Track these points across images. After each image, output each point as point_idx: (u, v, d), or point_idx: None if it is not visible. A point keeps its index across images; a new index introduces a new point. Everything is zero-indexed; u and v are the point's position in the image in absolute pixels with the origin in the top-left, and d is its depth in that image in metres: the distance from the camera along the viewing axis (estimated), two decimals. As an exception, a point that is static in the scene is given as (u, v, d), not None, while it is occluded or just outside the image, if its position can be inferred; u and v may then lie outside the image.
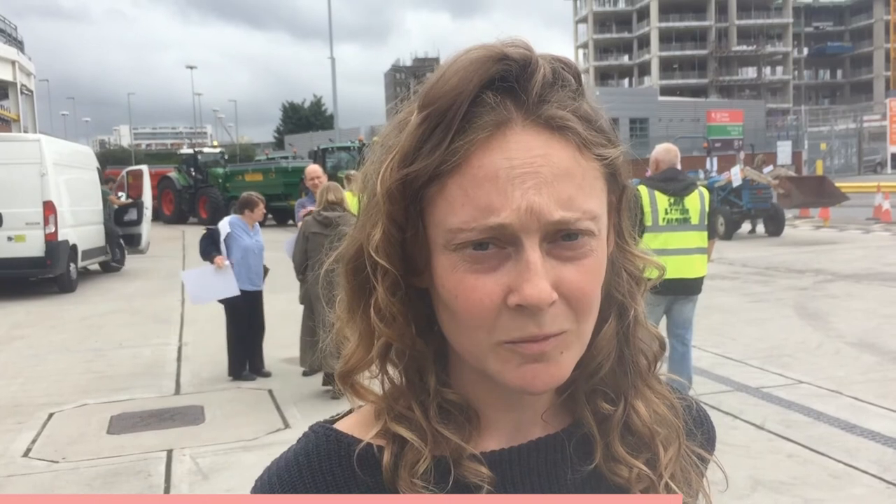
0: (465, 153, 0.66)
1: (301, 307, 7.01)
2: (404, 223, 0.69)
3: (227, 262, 7.20)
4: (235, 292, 7.16)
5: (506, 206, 0.64)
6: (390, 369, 0.76)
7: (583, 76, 0.72)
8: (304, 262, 6.60)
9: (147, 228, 17.53)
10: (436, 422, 0.73)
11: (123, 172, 18.92)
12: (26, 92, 37.46)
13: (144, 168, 18.17)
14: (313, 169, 8.26)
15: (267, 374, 7.46)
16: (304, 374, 7.24)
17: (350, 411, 0.81)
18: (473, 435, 0.74)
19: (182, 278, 7.16)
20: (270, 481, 0.75)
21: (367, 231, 0.71)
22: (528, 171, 0.65)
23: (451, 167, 0.66)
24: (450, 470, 0.72)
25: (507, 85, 0.67)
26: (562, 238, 0.67)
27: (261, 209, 7.52)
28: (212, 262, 7.20)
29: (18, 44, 38.29)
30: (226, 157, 36.68)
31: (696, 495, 0.81)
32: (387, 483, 0.72)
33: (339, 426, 0.77)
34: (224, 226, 7.43)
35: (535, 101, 0.67)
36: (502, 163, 0.65)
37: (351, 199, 6.69)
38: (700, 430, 0.85)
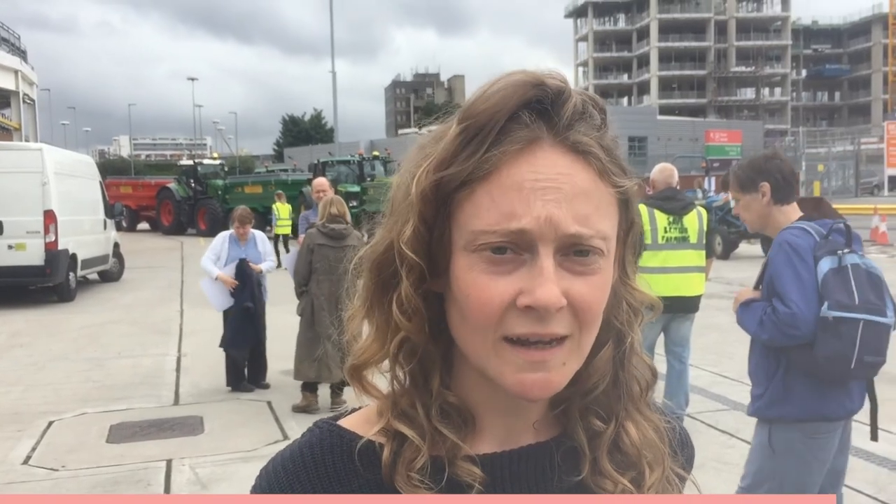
0: (496, 163, 0.72)
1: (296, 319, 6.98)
2: (433, 223, 0.75)
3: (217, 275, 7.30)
4: (220, 305, 7.37)
5: (527, 213, 0.70)
6: (397, 370, 0.80)
7: (608, 113, 0.78)
8: (307, 276, 6.50)
9: None
10: (436, 421, 0.77)
11: None
12: (28, 101, 37.43)
13: None
14: (320, 182, 8.21)
15: (266, 386, 7.50)
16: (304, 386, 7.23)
17: (353, 410, 0.85)
18: (469, 437, 0.78)
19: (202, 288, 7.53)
20: (275, 470, 0.80)
21: (399, 228, 0.76)
22: (551, 186, 0.71)
23: (481, 174, 0.72)
24: (444, 468, 0.76)
25: (541, 108, 0.73)
26: (574, 253, 0.72)
27: (237, 224, 7.45)
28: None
29: (21, 53, 38.22)
30: (225, 168, 36.73)
31: None
32: (385, 479, 0.76)
33: (342, 423, 0.82)
34: (222, 240, 7.52)
35: (564, 125, 0.73)
36: (528, 175, 0.71)
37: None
38: (683, 452, 0.90)
